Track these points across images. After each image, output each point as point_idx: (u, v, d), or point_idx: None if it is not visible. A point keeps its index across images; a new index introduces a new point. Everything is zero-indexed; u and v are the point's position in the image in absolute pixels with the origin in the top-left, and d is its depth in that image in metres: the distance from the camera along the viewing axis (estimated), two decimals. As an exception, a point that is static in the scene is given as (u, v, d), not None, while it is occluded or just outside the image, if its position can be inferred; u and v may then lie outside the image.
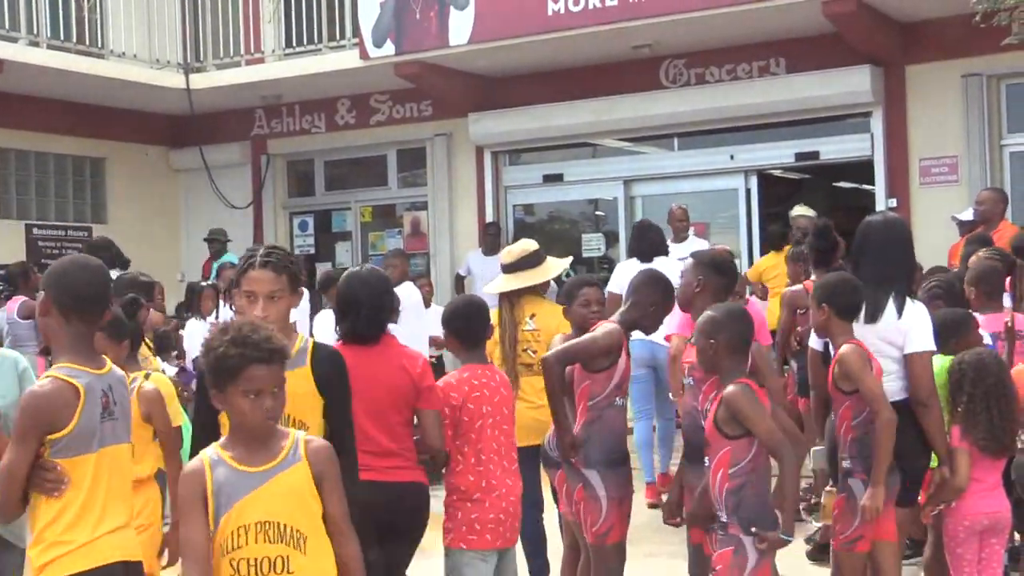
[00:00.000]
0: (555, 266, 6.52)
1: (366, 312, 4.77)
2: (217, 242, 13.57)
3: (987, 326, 6.03)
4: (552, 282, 6.83)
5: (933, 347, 5.05)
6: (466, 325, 5.11)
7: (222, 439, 3.47)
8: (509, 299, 6.30)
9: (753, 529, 4.39)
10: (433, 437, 4.75)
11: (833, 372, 5.01)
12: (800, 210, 11.12)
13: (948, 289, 6.12)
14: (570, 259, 6.83)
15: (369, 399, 4.59)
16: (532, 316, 6.26)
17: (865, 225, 5.30)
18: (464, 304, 5.27)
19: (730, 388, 4.49)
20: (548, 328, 6.04)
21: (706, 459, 4.59)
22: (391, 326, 4.90)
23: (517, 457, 5.06)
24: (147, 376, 5.52)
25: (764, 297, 10.40)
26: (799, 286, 8.08)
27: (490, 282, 6.58)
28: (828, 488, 5.28)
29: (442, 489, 4.95)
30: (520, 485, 5.03)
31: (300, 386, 3.91)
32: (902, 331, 5.00)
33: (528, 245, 6.51)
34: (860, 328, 5.05)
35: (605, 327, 5.22)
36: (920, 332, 5.01)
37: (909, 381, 4.98)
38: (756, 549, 4.40)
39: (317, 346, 4.10)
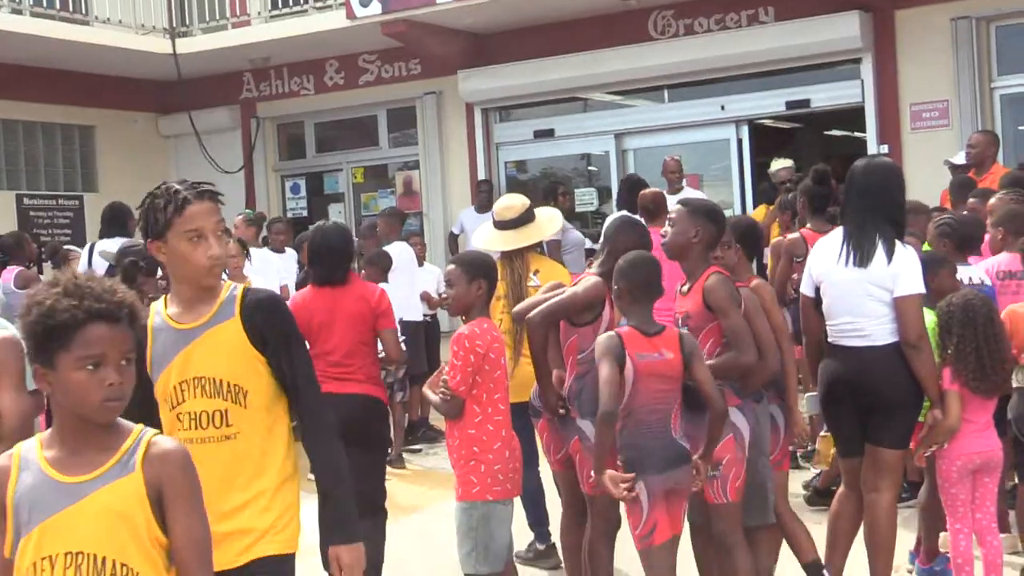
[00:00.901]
0: (551, 222, 6.52)
1: (329, 259, 5.89)
2: None
3: (1012, 265, 6.07)
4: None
5: (922, 289, 5.07)
6: (495, 276, 5.16)
7: (48, 430, 2.58)
8: (513, 255, 6.26)
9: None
10: (392, 349, 5.99)
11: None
12: (778, 163, 11.13)
13: (957, 228, 6.13)
14: (559, 212, 6.81)
15: (337, 327, 5.74)
16: (536, 272, 6.24)
17: (850, 170, 5.31)
18: (488, 256, 5.31)
19: (600, 336, 4.69)
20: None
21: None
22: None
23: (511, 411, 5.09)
24: None
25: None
26: (796, 234, 8.09)
27: (483, 237, 6.52)
28: (822, 433, 5.32)
29: (442, 447, 4.97)
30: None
31: (231, 342, 3.30)
32: (892, 275, 5.00)
33: (524, 201, 6.50)
34: (850, 272, 5.06)
35: (586, 280, 5.22)
36: (909, 276, 5.01)
37: (899, 324, 4.99)
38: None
39: (247, 292, 3.39)
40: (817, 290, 5.27)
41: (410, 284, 9.78)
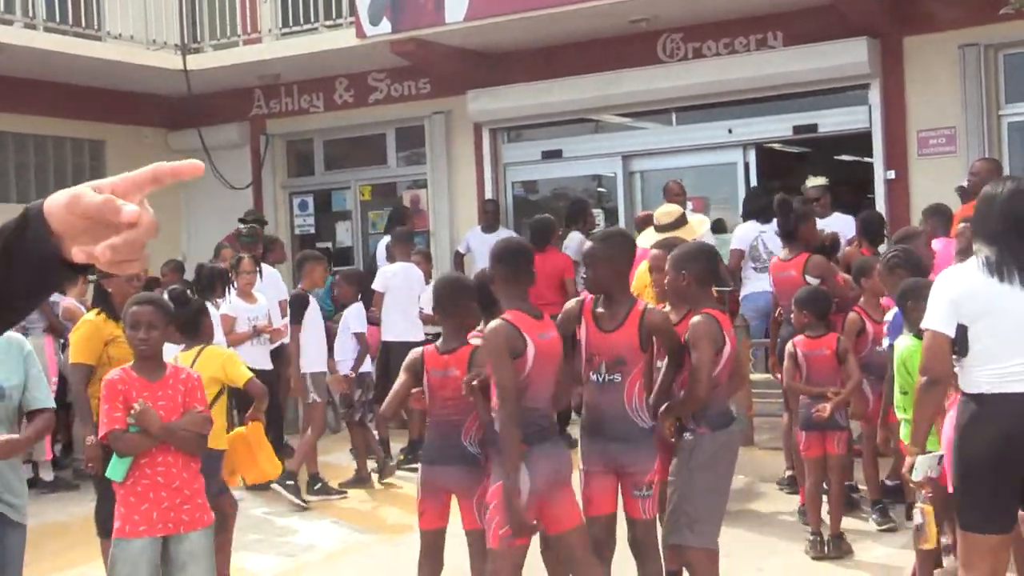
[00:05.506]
0: (700, 224, 7.27)
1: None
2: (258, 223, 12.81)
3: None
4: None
5: None
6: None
7: None
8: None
9: None
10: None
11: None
12: (812, 181, 11.22)
13: (907, 257, 6.19)
14: (706, 219, 7.30)
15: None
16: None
17: (986, 194, 4.61)
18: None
19: None
20: None
21: None
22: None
23: None
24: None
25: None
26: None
27: (646, 239, 7.07)
28: (922, 504, 4.87)
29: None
30: None
31: None
32: None
33: (679, 209, 7.37)
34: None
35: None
36: None
37: None
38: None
39: None
40: (963, 329, 4.45)
41: (415, 304, 9.82)
